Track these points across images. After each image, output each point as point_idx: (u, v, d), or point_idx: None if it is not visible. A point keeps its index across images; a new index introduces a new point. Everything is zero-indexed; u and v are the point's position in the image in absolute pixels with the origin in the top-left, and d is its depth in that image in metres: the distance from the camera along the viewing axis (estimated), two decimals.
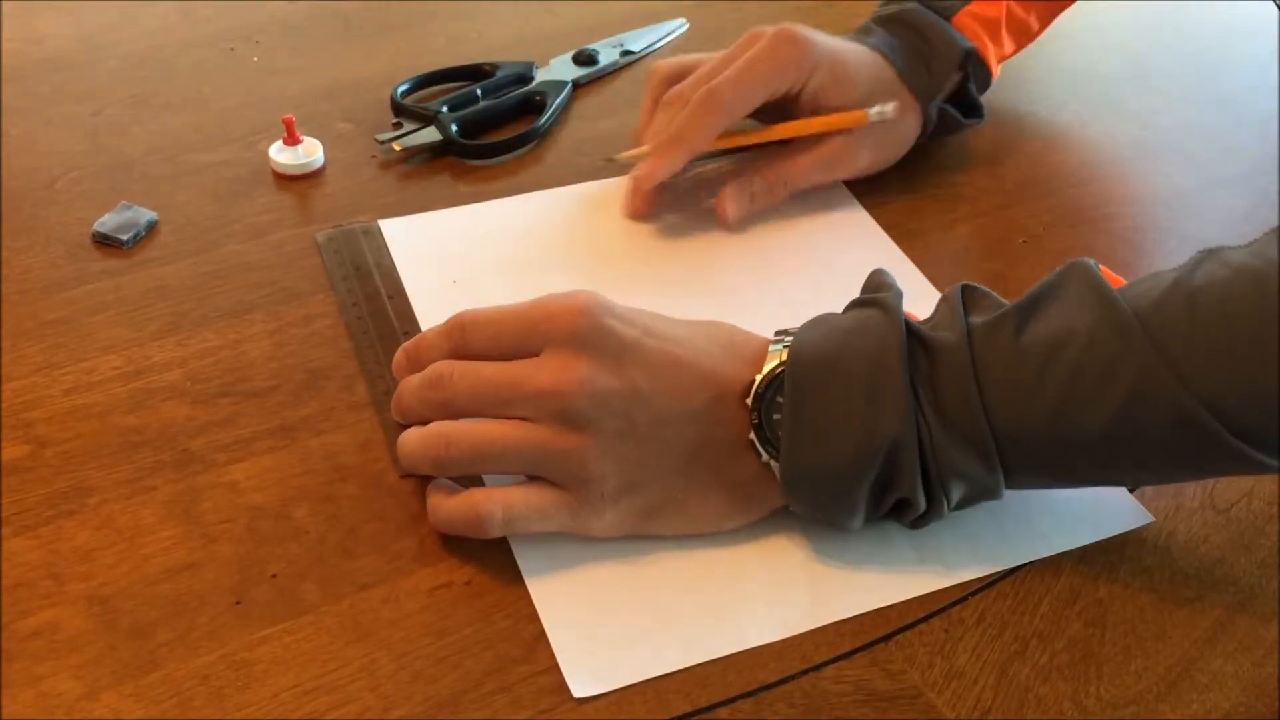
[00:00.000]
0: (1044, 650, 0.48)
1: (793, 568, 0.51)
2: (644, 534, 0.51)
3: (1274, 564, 0.52)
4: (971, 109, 0.72)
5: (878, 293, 0.52)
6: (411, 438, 0.51)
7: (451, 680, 0.47)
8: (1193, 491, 0.54)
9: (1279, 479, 0.55)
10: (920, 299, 0.53)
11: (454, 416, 0.51)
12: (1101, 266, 0.50)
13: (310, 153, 0.71)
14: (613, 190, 0.70)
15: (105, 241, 0.66)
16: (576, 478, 0.49)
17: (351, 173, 0.72)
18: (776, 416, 0.49)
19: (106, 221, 0.66)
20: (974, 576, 0.51)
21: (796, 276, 0.65)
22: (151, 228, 0.67)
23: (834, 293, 0.54)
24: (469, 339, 0.52)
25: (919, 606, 0.50)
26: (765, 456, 0.50)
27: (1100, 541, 0.52)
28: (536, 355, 0.50)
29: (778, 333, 0.52)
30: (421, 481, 0.53)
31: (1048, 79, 0.82)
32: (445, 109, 0.74)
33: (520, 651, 0.47)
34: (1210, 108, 0.80)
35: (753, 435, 0.50)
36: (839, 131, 0.68)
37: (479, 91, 0.76)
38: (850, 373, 0.49)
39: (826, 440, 0.48)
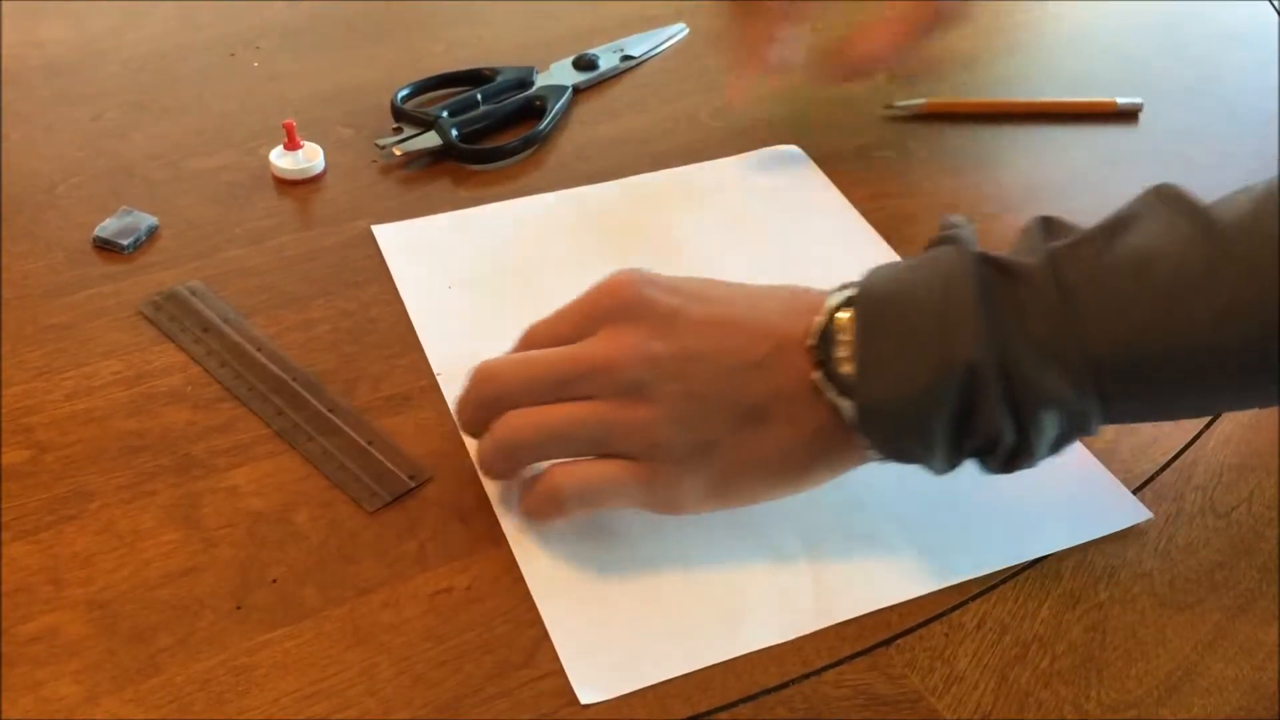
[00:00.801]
0: (1044, 655, 0.48)
1: (795, 569, 0.51)
2: (729, 503, 0.50)
3: (1274, 568, 0.52)
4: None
5: (947, 230, 0.50)
6: (484, 442, 0.51)
7: (452, 685, 0.47)
8: (1193, 496, 0.54)
9: (1278, 482, 0.55)
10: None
11: (512, 408, 0.50)
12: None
13: (311, 157, 0.71)
14: (612, 193, 0.70)
15: (106, 246, 0.66)
16: (645, 446, 0.48)
17: (352, 177, 0.72)
18: (841, 355, 0.47)
19: (107, 226, 0.66)
20: (976, 575, 0.51)
21: (791, 281, 0.65)
22: (152, 233, 0.67)
23: None
24: (535, 336, 0.52)
25: (919, 610, 0.50)
26: (831, 396, 0.48)
27: (1100, 546, 0.52)
28: None
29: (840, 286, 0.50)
30: (421, 485, 0.53)
31: (1047, 83, 0.82)
32: (445, 114, 0.74)
33: (520, 657, 0.47)
34: (1210, 110, 0.80)
35: (817, 375, 0.48)
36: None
37: (479, 96, 0.76)
38: (920, 301, 0.47)
39: (898, 371, 0.46)
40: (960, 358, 0.45)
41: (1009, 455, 0.47)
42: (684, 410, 0.48)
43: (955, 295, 0.46)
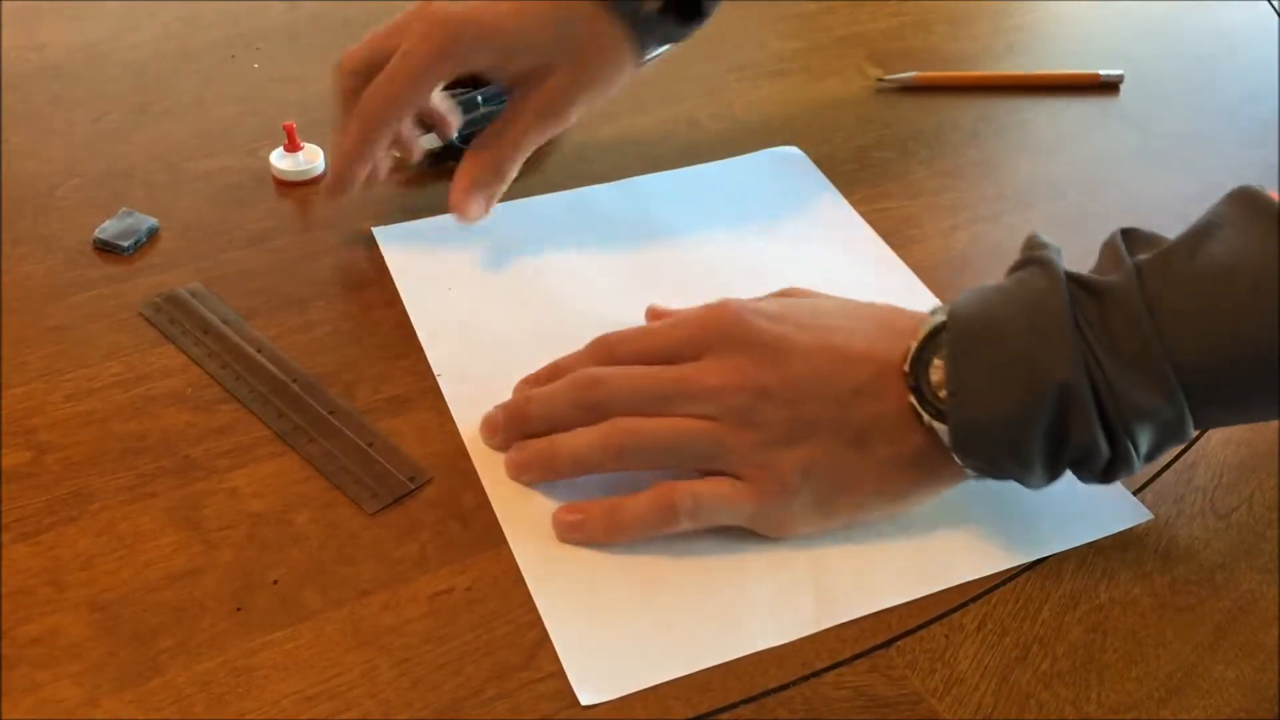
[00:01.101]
0: (1045, 656, 0.48)
1: (796, 571, 0.51)
2: (832, 523, 0.51)
3: (1274, 569, 0.52)
4: (691, 10, 0.65)
5: (1033, 251, 0.51)
6: (584, 436, 0.52)
7: (452, 687, 0.47)
8: (1193, 497, 0.54)
9: (1279, 483, 0.55)
10: (919, 307, 0.53)
11: (604, 418, 0.51)
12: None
13: (311, 159, 0.71)
14: (611, 194, 0.70)
15: (106, 248, 0.66)
16: (753, 468, 0.50)
17: None
18: (935, 379, 0.49)
19: (108, 228, 0.66)
20: (977, 576, 0.51)
21: (793, 285, 0.65)
22: (152, 234, 0.67)
23: None
24: (616, 354, 0.54)
25: (919, 612, 0.50)
26: (927, 419, 0.49)
27: (1100, 547, 0.52)
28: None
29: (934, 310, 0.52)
30: (421, 487, 0.53)
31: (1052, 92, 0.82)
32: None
33: (520, 658, 0.47)
34: (1211, 114, 0.80)
35: (912, 398, 0.49)
36: (561, 84, 0.63)
37: (480, 98, 0.76)
38: (1011, 323, 0.48)
39: (991, 393, 0.47)
40: (1052, 378, 0.47)
41: (1106, 467, 0.48)
42: (791, 434, 0.50)
43: (1044, 317, 0.48)
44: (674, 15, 0.64)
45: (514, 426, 0.54)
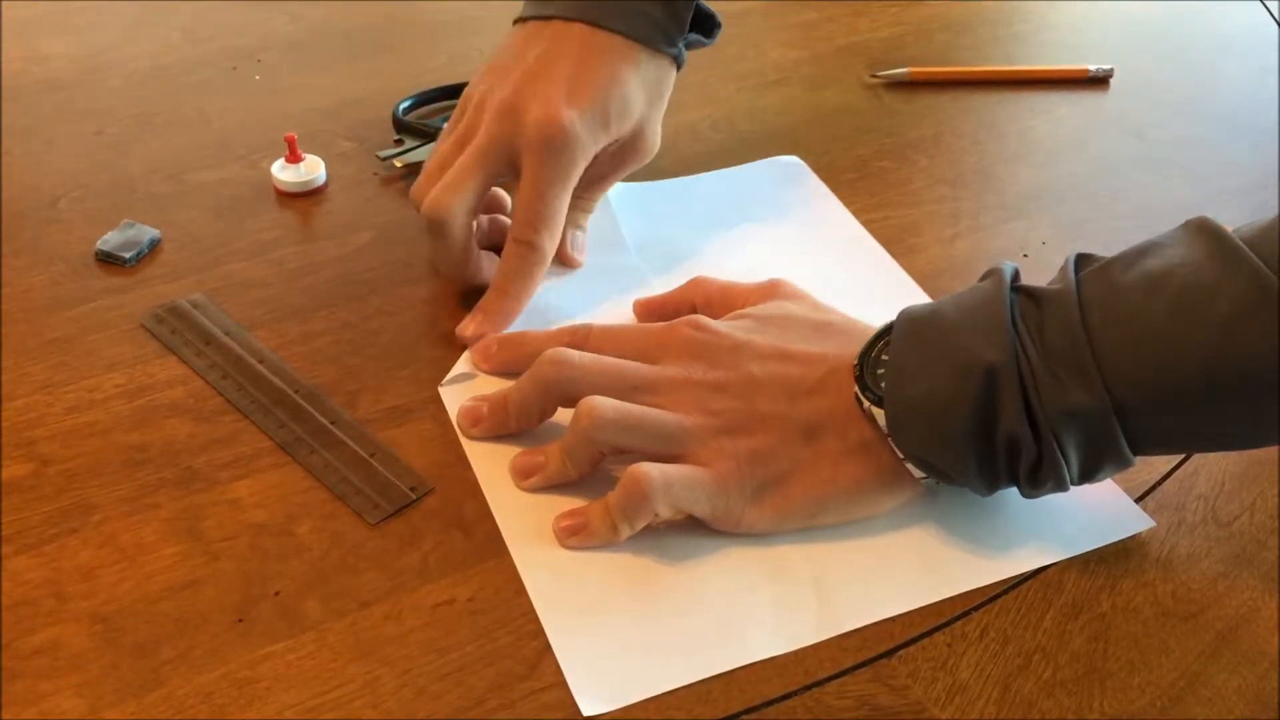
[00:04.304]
0: (1047, 665, 0.48)
1: (797, 580, 0.51)
2: (788, 520, 0.52)
3: (1276, 577, 0.51)
4: (708, 24, 0.66)
5: (991, 269, 0.53)
6: (565, 439, 0.53)
7: (454, 698, 0.46)
8: (1195, 505, 0.54)
9: (1278, 492, 0.55)
10: None
11: (576, 396, 0.53)
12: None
13: (312, 170, 0.72)
14: (612, 204, 0.70)
15: (108, 259, 0.66)
16: (711, 451, 0.51)
17: (353, 190, 0.72)
18: (879, 372, 0.51)
19: (109, 240, 0.67)
20: (978, 585, 0.51)
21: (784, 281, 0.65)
22: (154, 246, 0.67)
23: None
24: (593, 342, 0.56)
25: (921, 621, 0.50)
26: (867, 405, 0.51)
27: (1102, 556, 0.52)
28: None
29: None
30: (422, 497, 0.53)
31: (1047, 92, 0.82)
32: (446, 126, 0.74)
33: (522, 669, 0.47)
34: (1210, 120, 0.80)
35: (856, 388, 0.51)
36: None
37: None
38: (951, 315, 0.50)
39: (925, 370, 0.49)
40: (981, 360, 0.48)
41: (1033, 468, 0.49)
42: (744, 423, 0.52)
43: (983, 311, 0.50)
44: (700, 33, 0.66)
45: (495, 416, 0.56)
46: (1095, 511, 0.54)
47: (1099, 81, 0.83)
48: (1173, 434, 0.49)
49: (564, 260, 0.65)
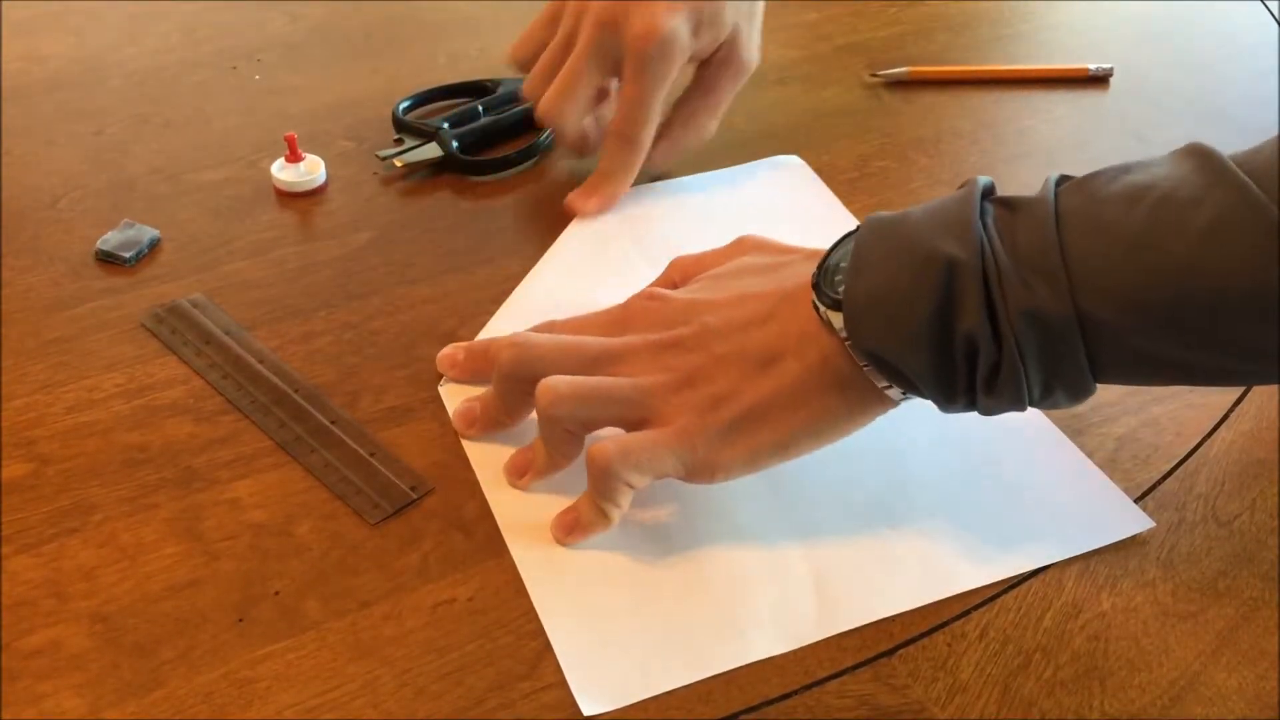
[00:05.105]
0: (1047, 664, 0.48)
1: (797, 579, 0.51)
2: (760, 457, 0.51)
3: (1276, 576, 0.51)
4: None
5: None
6: (542, 442, 0.53)
7: (454, 697, 0.46)
8: (1195, 504, 0.54)
9: (1278, 491, 0.55)
10: None
11: (540, 377, 0.52)
12: None
13: (312, 170, 0.72)
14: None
15: (108, 259, 0.66)
16: (672, 408, 0.51)
17: (353, 189, 0.72)
18: (837, 279, 0.50)
19: (109, 240, 0.67)
20: (978, 585, 0.51)
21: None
22: (154, 245, 0.67)
23: None
24: (557, 330, 0.57)
25: (921, 620, 0.50)
26: (824, 310, 0.50)
27: (1102, 555, 0.52)
28: None
29: None
30: (423, 496, 0.53)
31: (1047, 92, 0.82)
32: (446, 125, 0.75)
33: (523, 668, 0.47)
34: (1210, 120, 0.80)
35: (813, 294, 0.50)
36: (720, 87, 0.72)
37: (480, 108, 0.77)
38: (918, 218, 0.49)
39: (885, 266, 0.48)
40: (943, 253, 0.47)
41: (991, 372, 0.47)
42: (704, 372, 0.52)
43: (950, 212, 0.49)
44: None
45: (486, 414, 0.57)
46: (1095, 511, 0.54)
47: (1099, 81, 0.83)
48: (1136, 359, 0.47)
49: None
